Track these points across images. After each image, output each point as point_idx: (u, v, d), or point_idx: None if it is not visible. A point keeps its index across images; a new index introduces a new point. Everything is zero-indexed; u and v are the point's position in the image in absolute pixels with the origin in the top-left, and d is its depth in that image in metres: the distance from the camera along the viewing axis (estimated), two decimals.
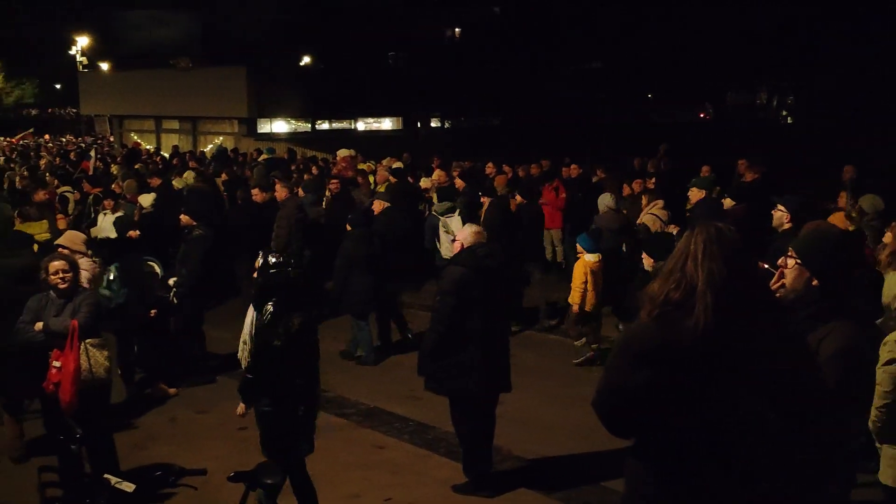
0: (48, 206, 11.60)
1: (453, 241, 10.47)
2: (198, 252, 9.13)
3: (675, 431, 2.95)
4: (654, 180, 11.91)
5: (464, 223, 9.66)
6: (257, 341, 5.55)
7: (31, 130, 38.81)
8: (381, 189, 13.36)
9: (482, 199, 11.26)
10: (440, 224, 10.73)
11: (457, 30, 44.33)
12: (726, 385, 2.90)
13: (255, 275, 5.78)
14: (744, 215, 9.31)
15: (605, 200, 10.54)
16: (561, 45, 39.69)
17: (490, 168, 15.50)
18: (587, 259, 8.93)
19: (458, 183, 13.05)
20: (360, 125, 34.21)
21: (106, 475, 4.32)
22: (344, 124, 33.40)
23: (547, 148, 19.79)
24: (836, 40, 38.93)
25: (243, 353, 5.83)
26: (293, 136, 29.89)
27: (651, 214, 10.30)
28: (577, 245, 8.92)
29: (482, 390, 6.39)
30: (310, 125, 31.59)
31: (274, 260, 5.58)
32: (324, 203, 12.88)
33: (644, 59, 40.49)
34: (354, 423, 8.12)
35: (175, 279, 9.33)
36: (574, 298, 9.10)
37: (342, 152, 17.34)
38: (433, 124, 37.42)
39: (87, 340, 6.07)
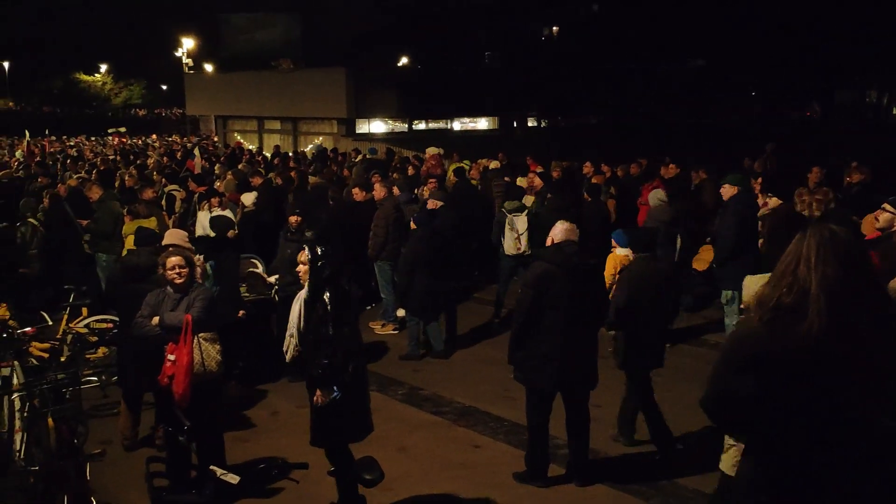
0: (156, 204, 11.98)
1: (517, 238, 11.01)
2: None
3: (784, 434, 2.93)
4: (760, 181, 11.54)
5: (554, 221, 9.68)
6: (322, 331, 5.63)
7: (123, 129, 40.28)
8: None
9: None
10: (507, 221, 10.96)
11: (554, 28, 43.99)
12: (838, 390, 2.87)
13: (298, 269, 5.93)
14: (784, 213, 8.94)
15: (657, 195, 10.78)
16: (662, 42, 38.91)
17: (588, 167, 15.32)
18: (618, 253, 8.78)
19: (537, 182, 13.09)
20: (456, 125, 34.31)
21: (212, 467, 4.43)
22: (440, 124, 33.57)
23: (646, 147, 19.44)
24: None
25: (289, 345, 5.95)
26: (390, 136, 30.19)
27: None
28: (612, 239, 8.79)
29: (554, 385, 6.45)
30: (406, 125, 31.85)
31: (320, 252, 5.68)
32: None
33: (749, 57, 39.25)
34: (450, 421, 8.13)
35: (276, 277, 9.51)
36: None
37: (431, 150, 17.56)
38: (530, 123, 37.25)
39: (200, 335, 6.22)
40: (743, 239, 9.24)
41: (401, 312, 10.84)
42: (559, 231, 6.63)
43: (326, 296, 5.61)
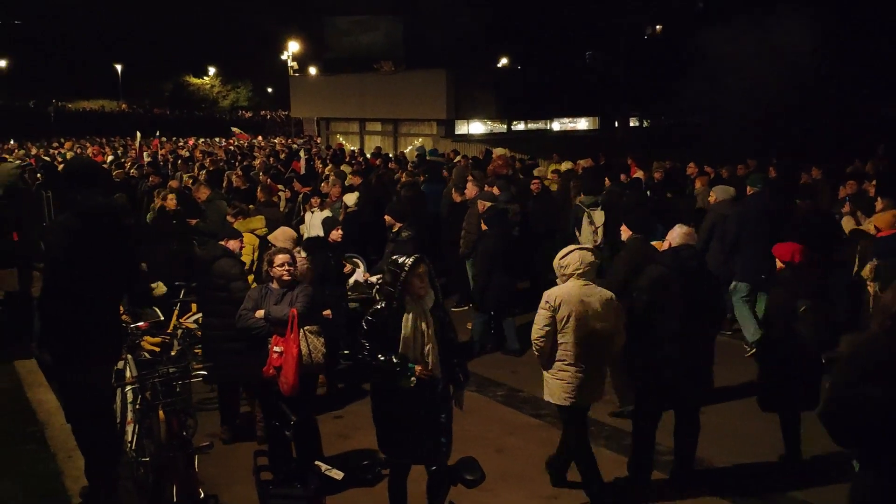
0: (270, 205, 12.27)
1: (594, 231, 11.32)
2: (406, 252, 9.32)
3: None
4: (874, 182, 11.09)
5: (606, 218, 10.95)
6: (452, 337, 5.74)
7: (238, 130, 41.39)
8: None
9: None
10: (584, 215, 11.42)
11: (657, 27, 43.21)
12: None
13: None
14: (810, 212, 10.09)
15: (727, 190, 11.15)
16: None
17: (692, 168, 14.99)
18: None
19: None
20: (556, 125, 34.06)
21: (317, 462, 4.51)
22: (539, 124, 33.37)
23: (754, 147, 18.89)
24: None
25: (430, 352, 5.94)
26: (489, 137, 30.17)
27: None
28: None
29: (666, 391, 6.34)
30: (505, 126, 31.78)
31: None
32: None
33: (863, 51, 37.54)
34: (549, 423, 8.06)
35: (378, 277, 9.61)
36: None
37: (498, 151, 17.77)
38: (632, 123, 36.68)
39: (306, 327, 6.37)
40: (746, 235, 9.86)
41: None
42: (677, 235, 6.52)
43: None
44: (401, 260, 5.61)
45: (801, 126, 28.98)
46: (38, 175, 14.90)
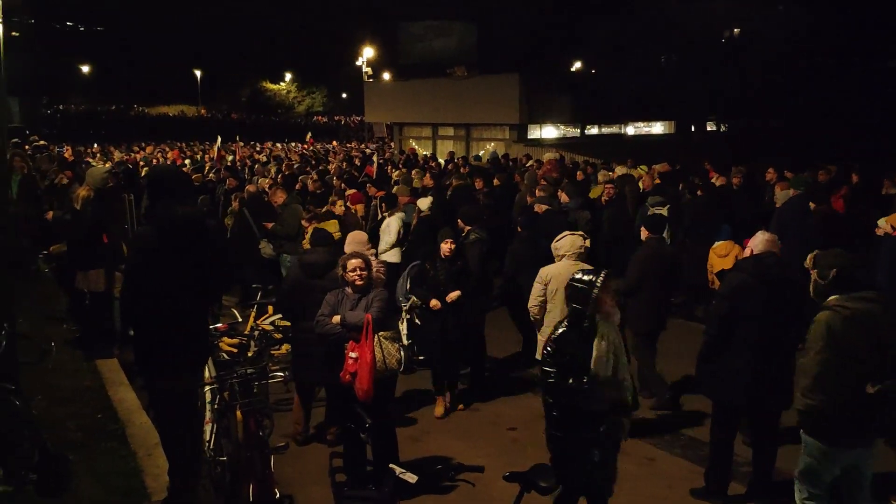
0: (347, 209, 12.40)
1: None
2: (475, 255, 9.36)
3: None
4: None
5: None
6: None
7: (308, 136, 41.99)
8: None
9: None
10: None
11: (735, 30, 42.39)
12: None
13: None
14: (832, 213, 10.48)
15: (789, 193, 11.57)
16: (853, 43, 36.69)
17: (770, 174, 14.63)
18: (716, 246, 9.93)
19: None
20: (630, 129, 33.66)
21: (391, 465, 4.52)
22: (613, 129, 33.04)
23: (837, 153, 18.38)
24: None
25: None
26: (562, 142, 29.99)
27: None
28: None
29: (745, 401, 6.22)
30: (579, 130, 31.54)
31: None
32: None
33: None
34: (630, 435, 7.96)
35: None
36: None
37: (548, 155, 18.09)
38: (708, 127, 36.04)
39: (381, 333, 6.39)
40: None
41: None
42: (759, 242, 6.39)
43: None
44: (589, 277, 5.27)
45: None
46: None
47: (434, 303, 8.35)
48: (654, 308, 8.50)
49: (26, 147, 19.43)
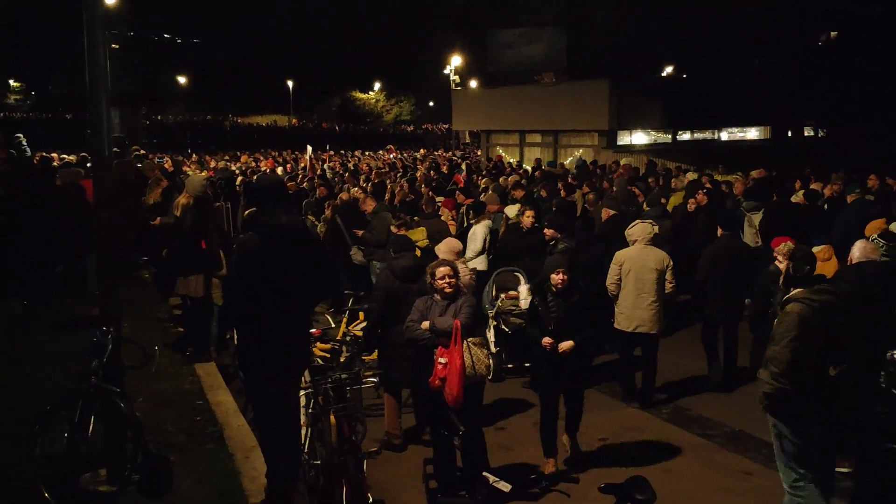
0: (434, 216, 12.47)
1: (755, 233, 12.05)
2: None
3: None
4: None
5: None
6: None
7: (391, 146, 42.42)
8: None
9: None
10: (745, 218, 12.42)
11: (832, 33, 41.00)
12: None
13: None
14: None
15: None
16: None
17: (873, 180, 14.14)
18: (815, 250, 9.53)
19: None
20: (724, 135, 32.93)
21: (485, 473, 4.51)
22: (706, 134, 32.37)
23: None
24: None
25: None
26: (652, 148, 29.53)
27: None
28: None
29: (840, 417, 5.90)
30: (670, 136, 31.02)
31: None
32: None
33: None
34: (718, 444, 7.82)
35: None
36: None
37: (623, 160, 18.35)
38: (806, 133, 34.98)
39: (469, 339, 6.40)
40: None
41: None
42: (858, 250, 6.22)
43: None
44: None
45: None
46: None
47: (546, 340, 7.15)
48: (721, 300, 9.27)
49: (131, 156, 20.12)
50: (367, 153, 40.89)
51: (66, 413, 5.62)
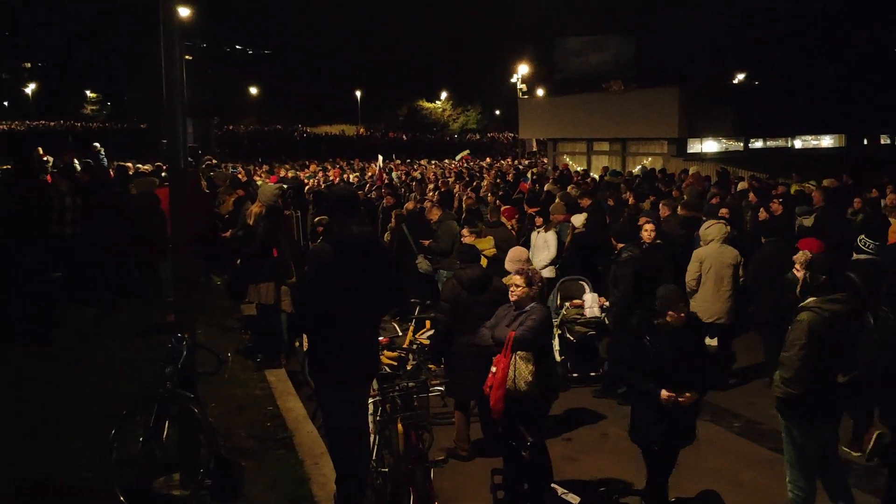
0: (499, 226, 12.46)
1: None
2: (627, 273, 9.21)
3: None
4: None
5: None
6: None
7: (468, 152, 42.40)
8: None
9: None
10: (797, 223, 12.24)
11: None
12: None
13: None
14: None
15: None
16: None
17: None
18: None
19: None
20: (797, 143, 32.18)
21: (553, 484, 4.49)
22: (779, 142, 31.68)
23: None
24: None
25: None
26: (723, 156, 29.02)
27: None
28: None
29: None
30: (742, 143, 30.44)
31: None
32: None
33: None
34: None
35: (610, 300, 9.49)
36: None
37: (693, 168, 18.55)
38: (882, 141, 33.98)
39: (518, 352, 6.37)
40: None
41: None
42: None
43: None
44: None
45: None
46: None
47: (665, 395, 5.88)
48: (769, 303, 9.20)
49: (203, 166, 20.61)
50: (432, 162, 41.04)
51: (141, 418, 5.76)
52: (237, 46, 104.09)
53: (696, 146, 29.06)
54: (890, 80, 32.35)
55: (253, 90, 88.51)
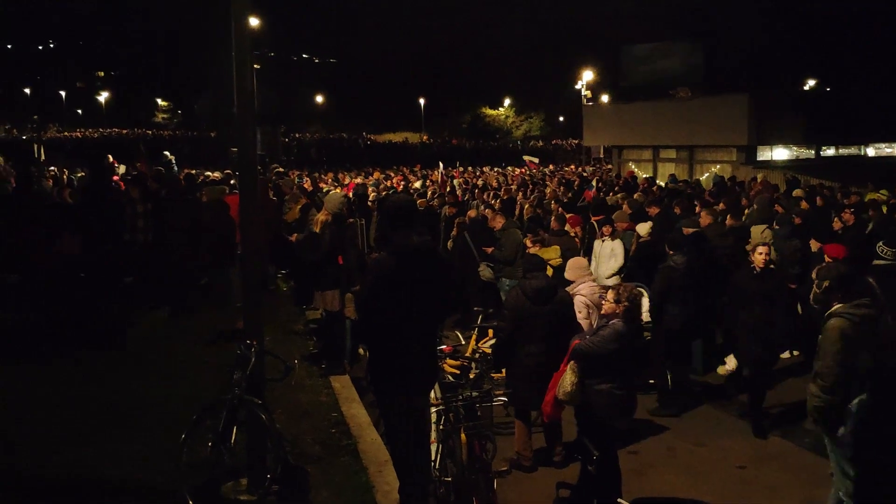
0: (564, 233, 12.40)
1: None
2: (660, 280, 9.27)
3: None
4: None
5: None
6: None
7: (537, 160, 42.21)
8: None
9: None
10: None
11: None
12: None
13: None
14: None
15: None
16: None
17: None
18: None
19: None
20: (871, 150, 31.38)
21: (619, 500, 4.44)
22: (851, 150, 30.93)
23: None
24: None
25: None
26: (794, 164, 28.44)
27: None
28: None
29: None
30: (813, 151, 29.80)
31: None
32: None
33: None
34: None
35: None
36: None
37: (759, 176, 18.32)
38: None
39: (571, 363, 6.35)
40: None
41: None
42: None
43: None
44: None
45: None
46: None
47: None
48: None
49: (272, 174, 20.91)
50: (495, 169, 40.98)
51: (210, 423, 5.84)
52: (304, 55, 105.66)
53: (765, 154, 28.56)
54: None
55: (318, 98, 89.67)
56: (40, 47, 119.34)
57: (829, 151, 30.51)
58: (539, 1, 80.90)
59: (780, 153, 29.23)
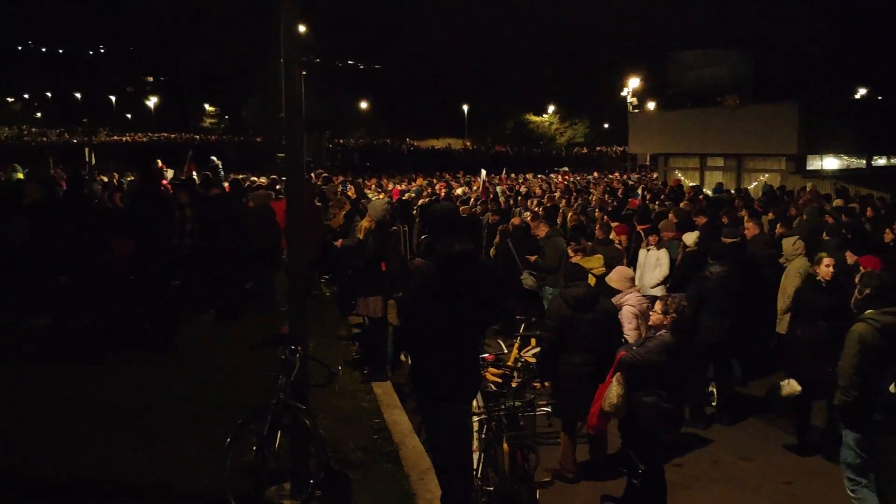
0: (607, 243, 12.31)
1: None
2: (695, 289, 9.15)
3: None
4: None
5: None
6: None
7: (566, 169, 42.05)
8: None
9: None
10: None
11: None
12: None
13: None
14: None
15: None
16: None
17: None
18: None
19: None
20: None
21: None
22: None
23: None
24: None
25: None
26: (844, 173, 27.96)
27: None
28: None
29: None
30: (864, 161, 29.28)
31: None
32: None
33: None
34: None
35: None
36: None
37: (809, 185, 18.54)
38: None
39: (618, 374, 6.30)
40: None
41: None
42: None
43: None
44: None
45: None
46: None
47: None
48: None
49: (315, 179, 21.10)
50: (538, 176, 40.87)
51: (255, 427, 5.88)
52: (349, 61, 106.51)
53: (815, 163, 28.14)
54: None
55: (363, 104, 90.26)
56: (91, 52, 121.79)
57: (881, 161, 29.96)
58: (585, 8, 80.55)
59: (831, 162, 28.78)
